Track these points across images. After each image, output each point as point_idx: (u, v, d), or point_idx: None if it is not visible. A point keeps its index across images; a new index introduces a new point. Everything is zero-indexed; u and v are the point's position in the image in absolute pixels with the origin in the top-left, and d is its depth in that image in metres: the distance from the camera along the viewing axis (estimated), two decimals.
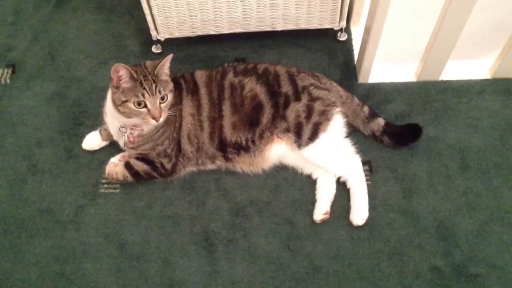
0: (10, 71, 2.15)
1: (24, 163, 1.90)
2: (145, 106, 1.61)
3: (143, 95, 1.59)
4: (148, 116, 1.62)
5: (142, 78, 1.60)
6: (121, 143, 1.80)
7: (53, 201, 1.82)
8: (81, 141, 1.91)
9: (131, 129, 1.72)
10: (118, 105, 1.63)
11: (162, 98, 1.63)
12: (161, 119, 1.64)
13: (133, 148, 1.78)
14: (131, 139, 1.74)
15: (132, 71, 1.57)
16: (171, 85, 1.67)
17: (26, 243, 1.73)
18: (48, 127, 1.99)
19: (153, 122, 1.63)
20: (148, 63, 1.66)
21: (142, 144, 1.77)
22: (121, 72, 1.58)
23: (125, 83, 1.60)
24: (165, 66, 1.63)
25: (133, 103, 1.60)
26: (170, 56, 1.63)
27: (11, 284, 1.66)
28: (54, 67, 2.17)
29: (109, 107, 1.73)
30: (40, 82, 2.12)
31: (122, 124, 1.71)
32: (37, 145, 1.94)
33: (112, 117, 1.73)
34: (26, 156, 1.92)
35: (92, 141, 1.90)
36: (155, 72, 1.62)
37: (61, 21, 2.32)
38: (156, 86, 1.60)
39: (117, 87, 1.61)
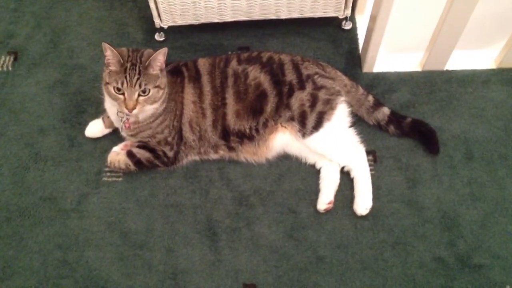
0: (12, 58, 2.14)
1: (27, 151, 1.90)
2: (124, 93, 1.60)
3: (122, 83, 1.58)
4: (122, 104, 1.61)
5: (128, 66, 1.58)
6: (121, 130, 1.80)
7: (55, 189, 1.81)
8: (84, 129, 1.90)
9: (127, 114, 1.70)
10: (104, 84, 1.64)
11: (144, 91, 1.61)
12: (135, 111, 1.62)
13: (131, 135, 1.78)
14: (127, 125, 1.73)
15: (119, 55, 1.57)
16: (160, 81, 1.64)
17: (29, 231, 1.73)
18: (51, 115, 1.98)
19: (126, 111, 1.63)
20: (147, 52, 1.64)
21: (140, 132, 1.76)
22: (107, 53, 1.59)
23: (112, 66, 1.60)
24: (157, 59, 1.60)
25: (113, 87, 1.60)
26: (164, 50, 1.60)
27: (14, 271, 1.66)
28: (56, 55, 2.15)
29: None
30: (43, 70, 2.11)
31: (119, 109, 1.70)
32: (40, 133, 1.94)
33: (110, 103, 1.72)
34: (29, 143, 1.91)
35: (95, 128, 1.89)
36: (146, 63, 1.59)
37: (63, 8, 2.30)
38: (138, 79, 1.58)
39: (107, 66, 1.61)
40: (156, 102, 1.67)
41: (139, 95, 1.61)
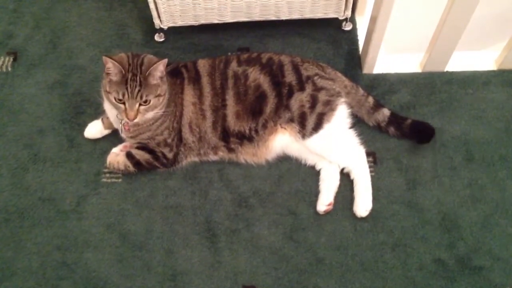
0: (11, 59, 2.13)
1: (26, 152, 1.89)
2: (124, 103, 1.60)
3: (123, 95, 1.58)
4: (123, 113, 1.61)
5: (129, 77, 1.57)
6: (120, 131, 1.79)
7: (54, 190, 1.81)
8: (83, 130, 1.89)
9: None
10: (104, 91, 1.64)
11: (145, 102, 1.60)
12: (136, 120, 1.62)
13: (131, 137, 1.77)
14: (126, 127, 1.73)
15: (120, 66, 1.56)
16: (160, 89, 1.63)
17: (28, 232, 1.73)
18: (50, 116, 1.97)
19: (127, 120, 1.63)
20: (148, 59, 1.63)
21: (140, 133, 1.75)
22: (108, 65, 1.58)
23: (113, 76, 1.59)
24: (157, 70, 1.59)
25: (114, 97, 1.60)
26: (165, 61, 1.59)
27: (12, 273, 1.66)
28: (55, 55, 2.14)
29: None
30: (42, 70, 2.10)
31: (119, 117, 1.70)
32: (39, 134, 1.93)
33: (109, 104, 1.72)
34: (28, 144, 1.90)
35: (94, 129, 1.89)
36: (147, 74, 1.58)
37: (62, 9, 2.29)
38: (139, 90, 1.58)
39: (107, 75, 1.61)
40: (157, 108, 1.67)
41: (140, 105, 1.60)
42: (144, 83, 1.58)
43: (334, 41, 2.15)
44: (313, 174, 1.81)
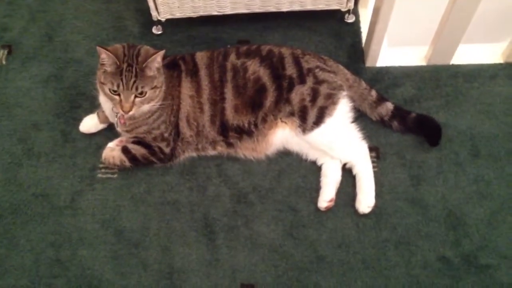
0: (6, 52, 2.09)
1: (20, 147, 1.86)
2: (119, 94, 1.57)
3: (118, 86, 1.54)
4: (118, 105, 1.58)
5: (124, 67, 1.54)
6: (116, 125, 1.76)
7: (49, 185, 1.78)
8: (78, 124, 1.86)
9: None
10: (98, 83, 1.61)
11: (140, 93, 1.57)
12: (131, 113, 1.59)
13: (127, 131, 1.74)
14: (122, 120, 1.70)
15: (114, 57, 1.53)
16: (157, 81, 1.60)
17: (21, 229, 1.70)
18: (45, 110, 1.94)
19: (122, 112, 1.60)
20: (144, 50, 1.60)
21: (136, 127, 1.72)
22: (102, 55, 1.55)
23: (107, 67, 1.56)
24: (155, 62, 1.57)
25: (109, 88, 1.56)
26: (162, 52, 1.56)
27: (5, 270, 1.63)
28: (51, 48, 2.11)
29: None
30: (37, 64, 2.06)
31: (114, 110, 1.66)
32: (33, 128, 1.90)
33: (105, 98, 1.68)
34: (22, 139, 1.87)
35: (90, 123, 1.85)
36: (144, 65, 1.55)
37: (59, 1, 2.26)
38: (134, 81, 1.54)
39: (102, 65, 1.57)
40: (153, 101, 1.63)
41: (135, 96, 1.57)
42: (140, 74, 1.55)
43: (336, 34, 2.11)
44: (314, 169, 1.77)
